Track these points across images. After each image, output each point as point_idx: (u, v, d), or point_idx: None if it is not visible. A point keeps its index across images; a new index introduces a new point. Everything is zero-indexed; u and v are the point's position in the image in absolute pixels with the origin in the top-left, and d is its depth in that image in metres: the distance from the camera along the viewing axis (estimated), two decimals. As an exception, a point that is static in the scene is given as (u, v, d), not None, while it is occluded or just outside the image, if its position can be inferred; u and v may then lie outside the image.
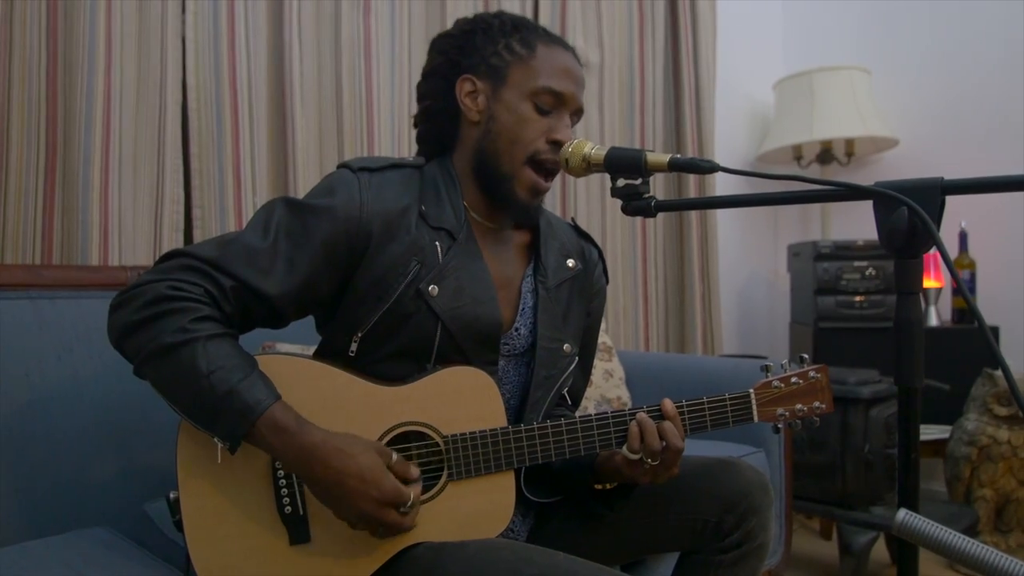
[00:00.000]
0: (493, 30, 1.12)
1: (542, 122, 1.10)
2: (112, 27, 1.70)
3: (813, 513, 2.25)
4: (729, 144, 3.11)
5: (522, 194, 1.10)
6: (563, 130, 1.10)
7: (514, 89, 1.09)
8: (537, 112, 1.09)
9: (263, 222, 1.01)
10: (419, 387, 1.03)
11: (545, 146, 1.10)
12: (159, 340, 0.91)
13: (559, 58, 1.11)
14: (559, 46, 1.13)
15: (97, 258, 1.67)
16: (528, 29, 1.13)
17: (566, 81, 1.11)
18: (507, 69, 1.10)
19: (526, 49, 1.10)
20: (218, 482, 0.97)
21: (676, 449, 1.04)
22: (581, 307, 1.24)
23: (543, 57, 1.10)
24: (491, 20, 1.14)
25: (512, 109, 1.09)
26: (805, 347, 2.77)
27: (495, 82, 1.11)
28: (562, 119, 1.11)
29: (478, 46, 1.12)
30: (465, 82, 1.12)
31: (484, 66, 1.11)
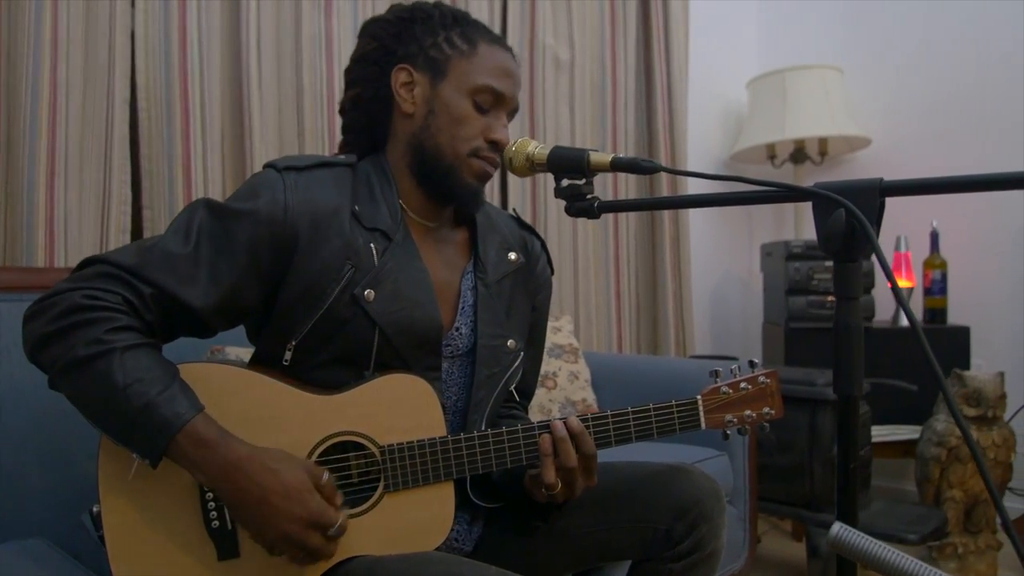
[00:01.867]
0: (433, 21, 1.09)
1: (480, 120, 1.07)
2: (58, 21, 1.65)
3: (781, 515, 2.23)
4: (702, 143, 3.09)
5: (469, 179, 1.08)
6: (501, 130, 1.08)
7: (454, 84, 1.06)
8: (476, 110, 1.07)
9: (185, 227, 0.97)
10: (355, 395, 1.00)
11: (484, 144, 1.07)
12: (73, 352, 0.87)
13: (500, 57, 1.09)
14: (500, 45, 1.10)
15: (43, 260, 1.62)
16: (469, 24, 1.10)
17: (507, 81, 1.08)
18: (447, 63, 1.07)
19: (468, 45, 1.07)
20: (141, 496, 0.93)
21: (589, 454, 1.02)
22: (525, 301, 1.21)
23: (485, 55, 1.07)
24: (431, 10, 1.10)
25: (451, 105, 1.06)
26: (776, 347, 2.76)
27: (434, 75, 1.07)
28: (500, 119, 1.09)
29: (416, 35, 1.08)
30: (401, 71, 1.08)
31: (423, 57, 1.08)
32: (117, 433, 0.88)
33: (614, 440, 1.06)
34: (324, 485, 0.91)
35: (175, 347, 1.02)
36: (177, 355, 1.15)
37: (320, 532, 0.89)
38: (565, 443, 1.01)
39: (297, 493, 0.87)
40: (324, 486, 0.91)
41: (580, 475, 1.03)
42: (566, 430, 1.02)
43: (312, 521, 0.88)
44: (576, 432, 1.02)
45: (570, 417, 1.03)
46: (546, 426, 1.03)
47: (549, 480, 1.01)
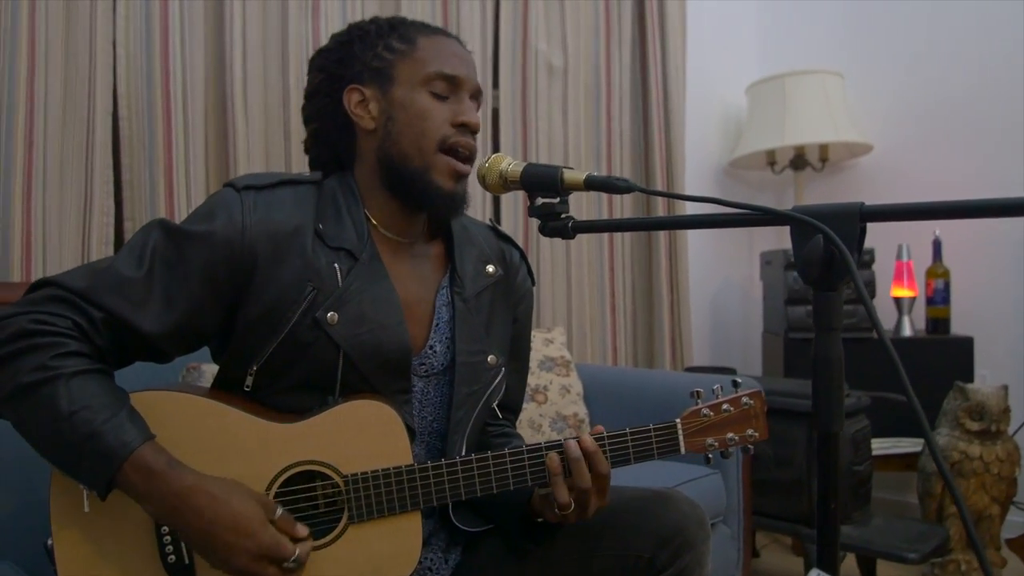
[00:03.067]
0: (370, 36, 1.06)
1: (443, 108, 1.03)
2: (36, 30, 1.62)
3: (779, 531, 2.18)
4: (700, 150, 3.04)
5: (442, 180, 1.03)
6: (467, 112, 1.04)
7: (404, 84, 1.03)
8: (435, 99, 1.03)
9: (139, 249, 0.93)
10: (317, 423, 0.95)
11: (452, 130, 1.04)
12: (17, 379, 0.83)
13: (443, 44, 1.06)
14: (440, 34, 1.08)
15: (20, 274, 1.59)
16: (405, 25, 1.07)
17: (456, 62, 1.05)
18: (392, 68, 1.04)
19: (406, 44, 1.05)
20: (94, 529, 0.90)
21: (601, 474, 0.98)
22: (506, 314, 1.17)
23: (425, 47, 1.05)
24: (367, 26, 1.08)
25: (408, 104, 1.03)
26: (776, 358, 2.71)
27: (382, 84, 1.04)
28: (462, 102, 1.05)
29: (357, 54, 1.06)
30: (352, 92, 1.05)
31: (367, 72, 1.05)
32: (63, 463, 0.85)
33: None
34: (279, 520, 0.87)
35: (150, 366, 0.99)
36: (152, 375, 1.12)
37: (275, 565, 0.86)
38: (579, 463, 0.97)
39: (247, 524, 0.84)
40: (279, 520, 0.87)
41: (594, 495, 0.99)
42: (580, 450, 0.98)
43: (263, 554, 0.84)
44: (590, 451, 0.98)
45: (584, 436, 0.99)
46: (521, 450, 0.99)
47: (562, 500, 0.97)
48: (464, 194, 1.07)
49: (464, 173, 1.05)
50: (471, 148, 1.05)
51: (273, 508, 0.87)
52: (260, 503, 0.87)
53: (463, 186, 1.07)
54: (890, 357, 0.65)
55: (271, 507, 0.87)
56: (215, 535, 0.83)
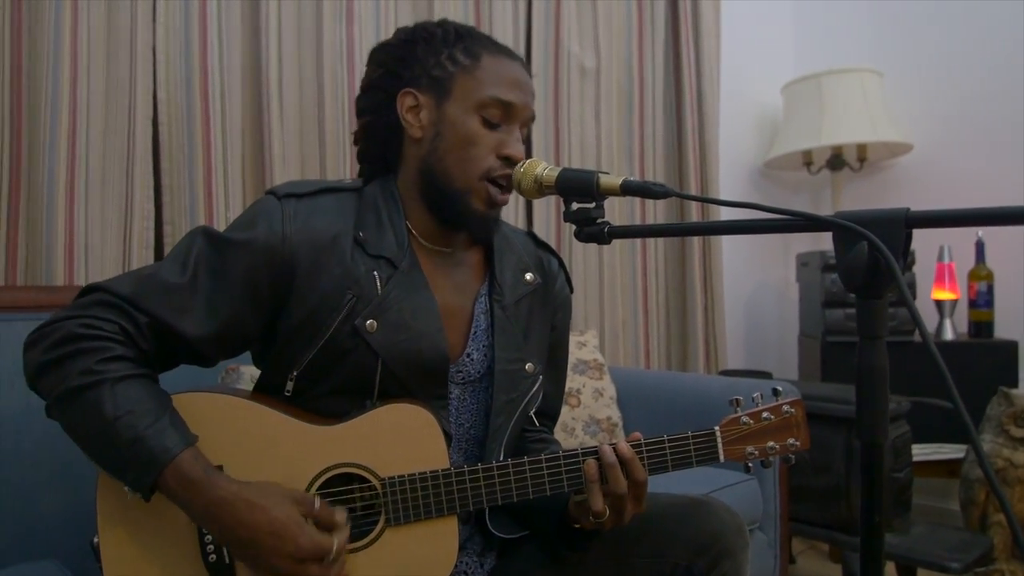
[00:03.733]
0: (435, 40, 1.05)
1: (491, 137, 1.03)
2: (78, 38, 1.65)
3: (816, 538, 2.14)
4: (734, 150, 3.01)
5: (479, 206, 1.03)
6: (514, 144, 1.04)
7: (459, 102, 1.02)
8: (485, 126, 1.02)
9: (183, 256, 0.95)
10: (355, 426, 0.96)
11: (497, 163, 1.03)
12: (67, 383, 0.85)
13: (506, 68, 1.04)
14: (506, 56, 1.06)
15: (63, 278, 1.62)
16: (473, 38, 1.06)
17: (515, 91, 1.04)
18: (451, 81, 1.03)
19: (470, 59, 1.03)
20: (138, 528, 0.91)
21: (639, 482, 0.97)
22: (544, 322, 1.17)
23: (489, 67, 1.03)
24: (433, 29, 1.07)
25: (458, 125, 1.02)
26: (813, 362, 2.66)
27: (438, 95, 1.04)
28: (512, 133, 1.04)
29: (419, 57, 1.05)
30: (406, 96, 1.05)
31: (426, 78, 1.04)
32: (108, 465, 0.87)
33: None
34: (318, 512, 0.88)
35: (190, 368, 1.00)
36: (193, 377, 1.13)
37: (316, 563, 0.86)
38: (615, 469, 0.96)
39: (284, 529, 0.84)
40: (318, 513, 0.88)
41: (630, 502, 0.98)
42: (615, 456, 0.97)
43: (304, 556, 0.85)
44: (626, 458, 0.97)
45: (620, 442, 0.98)
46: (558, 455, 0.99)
47: (597, 508, 0.96)
48: (497, 218, 1.08)
49: (502, 204, 1.05)
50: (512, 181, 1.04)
51: (311, 502, 0.88)
52: (296, 503, 0.87)
53: (497, 211, 1.07)
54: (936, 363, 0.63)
55: (308, 502, 0.87)
56: (254, 541, 0.84)
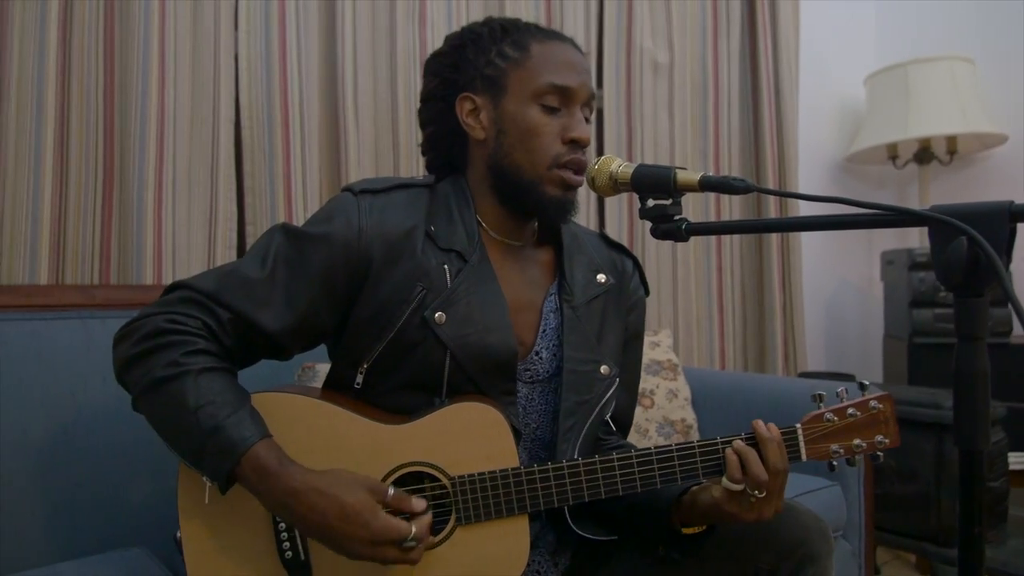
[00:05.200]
0: (483, 39, 1.06)
1: (553, 123, 1.02)
2: (165, 47, 1.72)
3: (903, 548, 2.05)
4: (815, 145, 2.91)
5: (554, 191, 1.03)
6: (578, 126, 1.02)
7: (515, 96, 1.02)
8: (546, 114, 1.02)
9: (262, 252, 0.98)
10: (424, 425, 0.97)
11: (563, 148, 1.02)
12: (152, 374, 0.89)
13: (557, 51, 1.03)
14: (555, 39, 1.05)
15: (152, 277, 1.69)
16: (519, 29, 1.06)
17: (569, 73, 1.02)
18: (504, 77, 1.03)
19: (519, 51, 1.03)
20: (217, 523, 0.94)
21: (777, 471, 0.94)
22: (618, 324, 1.15)
23: (538, 54, 1.03)
24: (479, 29, 1.07)
25: (518, 118, 1.02)
26: (899, 364, 2.55)
27: (494, 94, 1.04)
28: (574, 115, 1.03)
29: (470, 59, 1.06)
30: (464, 101, 1.06)
31: (480, 79, 1.05)
32: (188, 455, 0.89)
33: (702, 473, 0.98)
34: (390, 500, 0.88)
35: (267, 365, 1.03)
36: (269, 374, 1.16)
37: (394, 547, 0.86)
38: (770, 445, 0.95)
39: (356, 515, 0.84)
40: (390, 501, 0.88)
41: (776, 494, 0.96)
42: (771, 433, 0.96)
43: (378, 539, 0.84)
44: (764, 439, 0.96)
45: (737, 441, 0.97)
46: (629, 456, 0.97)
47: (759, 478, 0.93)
48: (573, 201, 1.06)
49: (576, 185, 1.04)
50: (582, 164, 1.04)
51: (384, 491, 0.87)
52: (369, 489, 0.87)
53: (573, 194, 1.06)
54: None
55: (381, 490, 0.87)
56: (329, 528, 0.85)
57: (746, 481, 0.94)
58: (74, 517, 1.32)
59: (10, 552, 1.25)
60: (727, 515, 0.97)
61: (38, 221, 1.57)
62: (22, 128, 1.58)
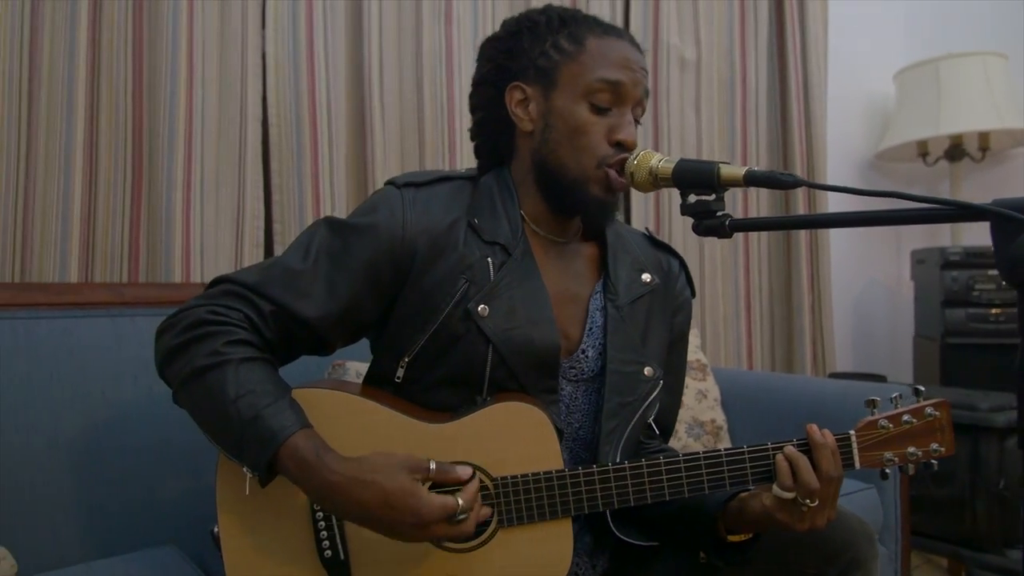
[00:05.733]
0: (540, 28, 1.03)
1: (601, 123, 1.00)
2: (194, 46, 1.72)
3: (936, 552, 2.02)
4: (843, 142, 2.86)
5: (597, 192, 1.01)
6: (625, 128, 1.00)
7: (566, 92, 1.00)
8: (594, 113, 1.00)
9: (305, 244, 0.98)
10: (467, 424, 0.95)
11: (610, 150, 1.00)
12: (192, 364, 0.88)
13: (613, 47, 1.01)
14: (612, 35, 1.03)
15: (180, 276, 1.69)
16: (577, 22, 1.03)
17: (623, 70, 1.00)
18: (556, 71, 1.01)
19: (575, 45, 1.01)
20: (257, 519, 0.93)
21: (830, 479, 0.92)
22: (663, 324, 1.13)
23: (594, 50, 1.00)
24: (537, 17, 1.05)
25: (566, 115, 1.00)
26: (931, 364, 2.51)
27: (545, 86, 1.02)
28: (623, 116, 1.01)
29: (525, 48, 1.03)
30: (514, 90, 1.04)
31: (533, 70, 1.03)
32: (228, 446, 0.88)
33: (751, 479, 0.96)
34: (434, 475, 0.86)
35: (297, 361, 1.02)
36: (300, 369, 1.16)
37: (443, 523, 0.84)
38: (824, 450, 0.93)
39: (399, 500, 0.82)
40: (434, 476, 0.86)
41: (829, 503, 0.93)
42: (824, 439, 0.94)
43: (426, 520, 0.83)
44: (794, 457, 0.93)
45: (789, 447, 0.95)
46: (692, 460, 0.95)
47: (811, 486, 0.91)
48: (616, 202, 1.05)
49: (621, 187, 1.02)
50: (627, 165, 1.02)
51: (425, 467, 0.85)
52: (409, 469, 0.84)
53: (616, 196, 1.04)
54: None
55: (423, 467, 0.85)
56: (374, 518, 0.83)
57: (797, 489, 0.92)
58: (106, 516, 1.32)
59: (43, 550, 1.25)
60: (778, 524, 0.94)
61: (68, 219, 1.58)
62: (52, 127, 1.59)
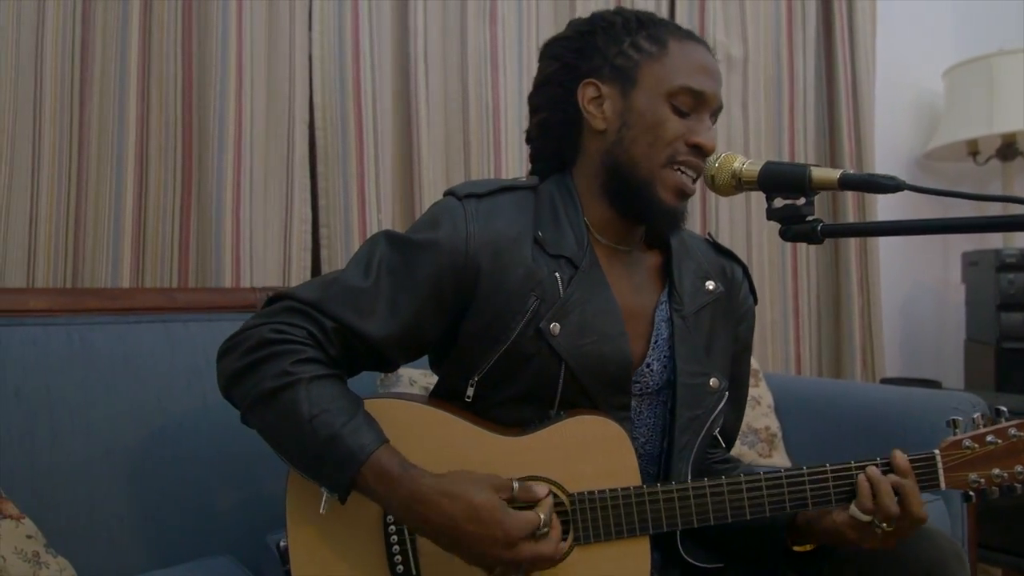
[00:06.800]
0: (616, 28, 1.00)
1: (681, 124, 0.96)
2: (243, 47, 1.71)
3: (999, 565, 1.95)
4: (891, 141, 2.79)
5: (666, 196, 0.97)
6: (704, 132, 0.97)
7: (647, 90, 0.97)
8: (675, 114, 0.96)
9: (366, 260, 0.94)
10: (542, 438, 0.92)
11: (684, 149, 0.96)
12: (261, 385, 0.86)
13: (695, 54, 0.98)
14: (693, 40, 1.00)
15: (230, 279, 1.68)
16: (656, 24, 1.00)
17: (705, 79, 0.97)
18: (637, 69, 0.98)
19: (657, 46, 0.98)
20: (328, 535, 0.91)
21: (917, 518, 0.90)
22: (727, 334, 1.09)
23: (677, 53, 0.97)
24: (612, 18, 1.02)
25: (647, 113, 0.96)
26: (985, 370, 2.44)
27: (624, 84, 0.98)
28: (702, 121, 0.97)
29: (600, 47, 1.00)
30: (588, 87, 1.00)
31: (608, 68, 0.99)
32: (305, 467, 0.86)
33: (834, 499, 0.93)
34: (518, 494, 0.84)
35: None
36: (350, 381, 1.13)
37: (529, 540, 0.82)
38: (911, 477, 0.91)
39: (489, 513, 0.81)
40: (518, 495, 0.84)
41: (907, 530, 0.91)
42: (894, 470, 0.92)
43: (512, 539, 0.81)
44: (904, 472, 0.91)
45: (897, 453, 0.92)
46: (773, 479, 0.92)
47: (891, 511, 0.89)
48: (684, 211, 1.01)
49: (689, 193, 0.99)
50: (700, 169, 0.98)
51: (509, 486, 0.84)
52: (494, 487, 0.84)
53: (685, 204, 1.00)
54: None
55: (507, 486, 0.84)
56: (459, 532, 0.81)
57: (876, 512, 0.89)
58: (163, 526, 1.31)
59: (101, 562, 1.24)
60: (847, 541, 0.93)
61: (120, 223, 1.57)
62: (104, 131, 1.58)
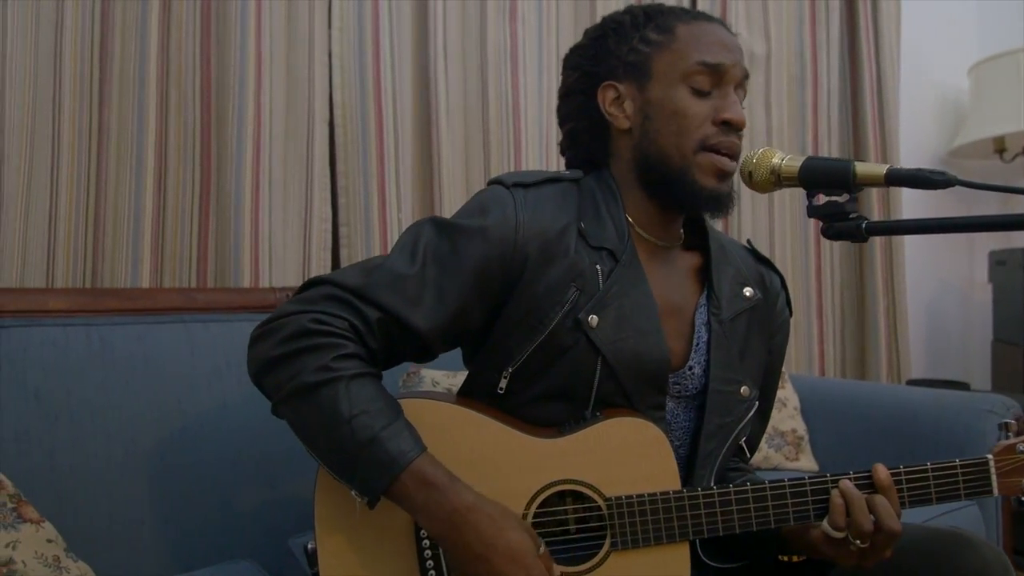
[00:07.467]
0: (625, 27, 0.99)
1: (703, 105, 0.94)
2: (262, 47, 1.69)
3: (1030, 570, 1.91)
4: (915, 138, 2.75)
5: (706, 180, 0.94)
6: (731, 107, 0.94)
7: (662, 80, 0.95)
8: (695, 96, 0.94)
9: (411, 245, 0.91)
10: (578, 439, 0.89)
11: (713, 129, 0.94)
12: (300, 378, 0.83)
13: (705, 30, 0.96)
14: (702, 19, 0.97)
15: (249, 279, 1.66)
16: (663, 14, 0.98)
17: (720, 50, 0.94)
18: (648, 62, 0.96)
19: (664, 34, 0.96)
20: (358, 539, 0.88)
21: (890, 532, 0.86)
22: (761, 343, 1.06)
23: (685, 35, 0.95)
24: (620, 18, 1.01)
25: (666, 101, 0.94)
26: (1013, 371, 2.39)
27: (639, 80, 0.97)
28: (726, 96, 0.94)
29: (612, 48, 0.99)
30: (607, 90, 0.99)
31: (623, 67, 0.98)
32: (338, 467, 0.83)
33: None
34: (542, 556, 0.83)
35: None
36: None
37: None
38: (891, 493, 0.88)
39: (523, 555, 0.80)
40: (542, 556, 0.82)
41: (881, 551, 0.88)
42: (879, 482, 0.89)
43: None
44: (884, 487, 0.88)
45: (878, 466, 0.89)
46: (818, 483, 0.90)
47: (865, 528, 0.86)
48: (730, 193, 0.97)
49: (729, 171, 0.95)
50: (735, 148, 0.95)
51: (539, 542, 0.83)
52: (531, 535, 0.82)
53: (729, 184, 0.97)
54: None
55: (537, 541, 0.83)
56: (490, 560, 0.79)
57: (849, 528, 0.87)
58: (183, 529, 1.29)
59: (120, 565, 1.22)
60: (825, 556, 0.91)
61: (140, 222, 1.56)
62: (123, 130, 1.57)
